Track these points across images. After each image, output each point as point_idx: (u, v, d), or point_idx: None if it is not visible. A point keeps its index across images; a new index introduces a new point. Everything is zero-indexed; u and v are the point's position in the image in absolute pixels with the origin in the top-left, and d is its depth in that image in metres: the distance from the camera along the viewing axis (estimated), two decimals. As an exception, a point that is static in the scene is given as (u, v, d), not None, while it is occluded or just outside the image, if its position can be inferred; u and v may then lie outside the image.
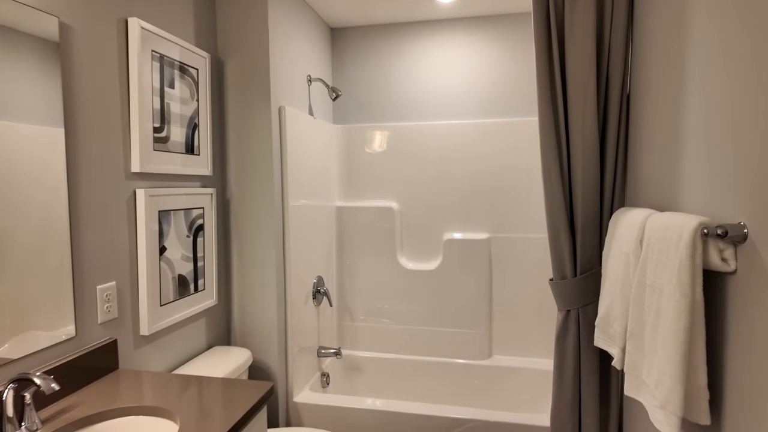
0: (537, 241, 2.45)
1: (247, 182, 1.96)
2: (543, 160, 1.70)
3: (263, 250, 1.96)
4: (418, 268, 2.57)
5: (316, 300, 2.33)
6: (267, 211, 1.95)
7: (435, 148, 2.54)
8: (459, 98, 2.54)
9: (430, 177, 2.55)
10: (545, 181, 1.71)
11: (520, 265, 2.48)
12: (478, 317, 2.51)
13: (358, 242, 2.63)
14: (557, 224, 1.70)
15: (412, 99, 2.59)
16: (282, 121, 1.99)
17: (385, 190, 2.61)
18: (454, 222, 2.54)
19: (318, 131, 2.39)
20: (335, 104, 2.68)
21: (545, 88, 1.68)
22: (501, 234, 2.49)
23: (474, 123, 2.49)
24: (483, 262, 2.48)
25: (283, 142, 2.00)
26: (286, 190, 2.02)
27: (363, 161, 2.63)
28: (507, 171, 2.47)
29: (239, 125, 1.95)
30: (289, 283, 2.05)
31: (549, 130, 1.69)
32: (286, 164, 2.01)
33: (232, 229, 2.00)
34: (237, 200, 1.98)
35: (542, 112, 1.69)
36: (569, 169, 1.71)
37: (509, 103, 2.49)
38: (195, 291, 1.77)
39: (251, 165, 1.95)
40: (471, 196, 2.51)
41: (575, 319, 1.71)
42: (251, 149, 1.95)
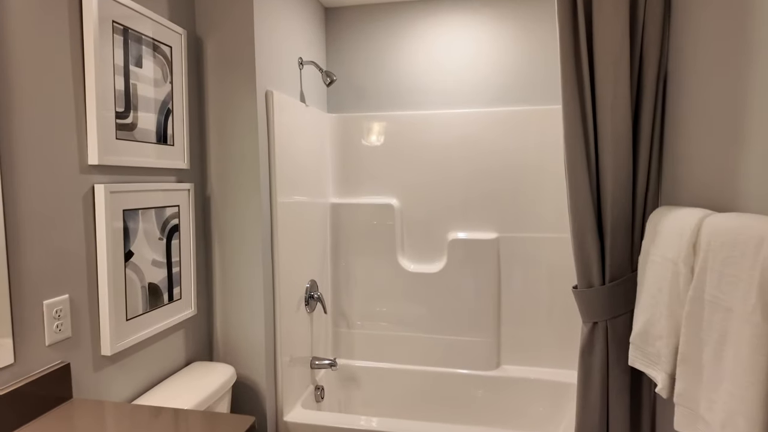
0: (550, 242, 2.25)
1: (229, 176, 1.74)
2: (567, 153, 1.49)
3: (249, 252, 1.74)
4: (421, 270, 2.36)
5: (309, 306, 2.12)
6: (253, 208, 1.73)
7: (439, 139, 2.32)
8: (466, 85, 2.32)
9: (434, 171, 2.34)
10: (570, 176, 1.50)
11: (531, 268, 2.28)
12: (485, 324, 2.30)
13: (355, 242, 2.41)
14: (583, 225, 1.49)
15: (414, 86, 2.37)
16: (269, 107, 1.77)
17: (384, 185, 2.40)
18: (460, 220, 2.33)
19: (310, 120, 2.16)
20: (330, 92, 2.46)
21: (570, 69, 1.47)
22: (511, 234, 2.28)
23: (483, 112, 2.27)
24: (491, 264, 2.27)
25: (270, 131, 1.78)
26: (275, 184, 1.80)
27: (360, 154, 2.41)
28: (518, 165, 2.25)
29: (220, 112, 1.73)
30: (278, 289, 1.83)
31: (574, 118, 1.48)
32: (275, 156, 1.79)
33: (213, 229, 1.77)
34: (218, 197, 1.76)
35: (567, 98, 1.48)
36: (597, 161, 1.51)
37: (523, 90, 2.27)
38: (169, 301, 1.55)
39: (234, 157, 1.73)
40: (478, 193, 2.30)
41: (603, 333, 1.50)
42: (234, 139, 1.73)
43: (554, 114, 2.20)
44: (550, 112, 2.21)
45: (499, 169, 2.27)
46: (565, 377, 2.22)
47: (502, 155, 2.26)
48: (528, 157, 2.24)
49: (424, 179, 2.35)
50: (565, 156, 1.50)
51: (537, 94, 2.25)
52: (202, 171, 1.76)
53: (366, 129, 2.39)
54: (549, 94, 2.24)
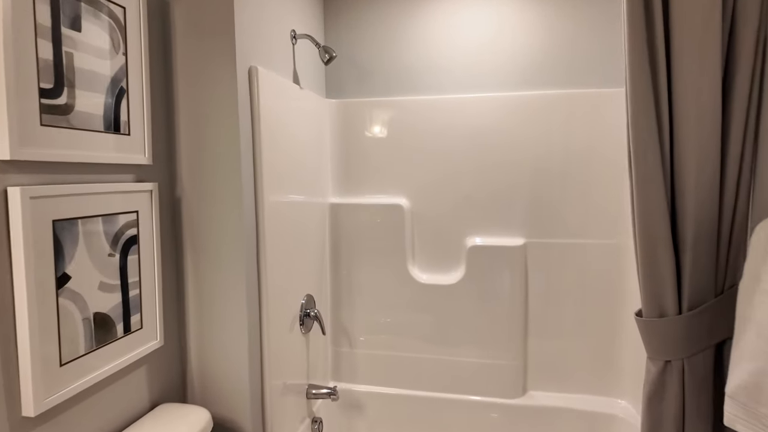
0: (589, 249, 1.92)
1: (205, 172, 1.40)
2: (635, 146, 1.16)
3: (230, 265, 1.41)
4: (435, 281, 2.03)
5: (305, 326, 1.79)
6: (234, 211, 1.39)
7: (457, 129, 1.98)
8: (489, 65, 1.98)
9: (450, 166, 2.00)
10: (638, 175, 1.17)
11: (565, 279, 1.95)
12: (510, 344, 1.98)
13: (359, 249, 2.08)
14: (653, 235, 1.17)
15: (427, 66, 2.03)
16: (254, 86, 1.43)
17: (391, 183, 2.06)
18: (480, 224, 2.00)
19: (305, 106, 1.82)
20: (329, 73, 2.11)
21: (638, 31, 1.14)
22: (541, 239, 1.95)
23: (510, 96, 1.93)
24: (517, 275, 1.95)
25: (255, 116, 1.44)
26: (261, 181, 1.46)
27: (364, 146, 2.07)
28: (551, 158, 1.92)
29: (192, 92, 1.39)
30: (266, 308, 1.50)
31: (643, 96, 1.14)
32: (261, 146, 1.45)
33: (185, 238, 1.44)
34: (191, 198, 1.42)
35: (634, 69, 1.14)
36: (672, 157, 1.17)
37: (559, 71, 1.93)
38: (126, 332, 1.22)
39: (211, 148, 1.39)
40: (502, 191, 1.97)
41: (678, 375, 1.18)
42: (210, 126, 1.39)
43: (596, 98, 1.86)
44: (595, 96, 1.87)
45: (527, 163, 1.94)
46: (604, 406, 1.90)
47: (531, 147, 1.93)
48: (564, 148, 1.91)
49: (438, 176, 2.02)
50: (632, 145, 1.17)
51: (579, 75, 1.91)
52: (170, 167, 1.42)
53: (371, 117, 2.05)
54: (596, 76, 1.90)
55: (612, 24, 1.87)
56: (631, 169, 1.20)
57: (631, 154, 1.19)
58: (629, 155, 1.21)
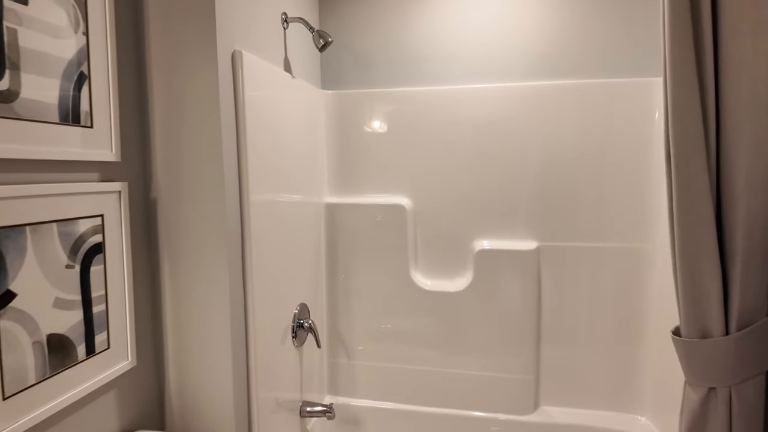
0: (609, 253, 1.76)
1: (183, 170, 1.24)
2: (676, 143, 1.00)
3: (212, 273, 1.26)
4: (440, 288, 1.87)
5: (298, 339, 1.63)
6: (216, 212, 1.24)
7: (463, 122, 1.82)
8: (500, 52, 1.81)
9: (456, 163, 1.84)
10: (679, 177, 1.01)
11: (580, 286, 1.79)
12: (521, 356, 1.82)
13: (357, 253, 1.92)
14: (698, 246, 1.01)
15: (432, 54, 1.86)
16: (238, 73, 1.26)
17: (393, 181, 1.90)
18: (489, 225, 1.84)
19: (298, 96, 1.66)
20: (325, 63, 1.95)
21: (681, 23, 0.98)
22: (555, 242, 1.80)
23: (521, 87, 1.77)
24: (529, 282, 1.79)
25: (240, 106, 1.28)
26: (247, 178, 1.30)
27: (363, 141, 1.91)
28: (566, 154, 1.76)
29: (168, 79, 1.23)
30: (253, 321, 1.35)
31: (688, 94, 0.99)
32: (246, 140, 1.29)
33: (161, 245, 1.28)
34: (168, 199, 1.26)
35: (676, 65, 0.98)
36: (718, 157, 1.02)
37: (574, 59, 1.77)
38: (89, 354, 1.07)
39: (189, 143, 1.23)
40: (513, 190, 1.81)
41: (725, 404, 1.02)
42: (189, 118, 1.23)
43: (615, 89, 1.70)
44: (608, 87, 1.71)
45: (540, 159, 1.78)
46: (623, 423, 1.75)
47: (544, 142, 1.77)
48: (580, 144, 1.75)
49: (443, 173, 1.86)
50: (672, 143, 1.01)
51: (591, 65, 1.75)
52: (143, 164, 1.26)
53: (370, 109, 1.89)
54: (617, 66, 1.74)
55: (633, 8, 1.71)
56: (670, 170, 1.04)
57: (670, 153, 1.03)
58: (667, 154, 1.05)
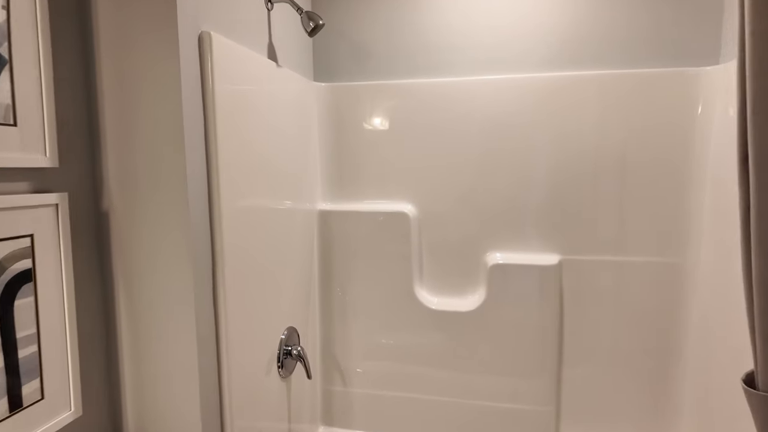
0: (641, 269, 1.54)
1: (140, 176, 1.03)
2: (758, 142, 0.78)
3: (177, 297, 1.04)
4: (448, 307, 1.65)
5: (285, 368, 1.42)
6: (180, 224, 1.02)
7: (475, 119, 1.60)
8: (517, 40, 1.59)
9: (466, 165, 1.62)
10: (761, 185, 0.79)
11: (608, 306, 1.57)
12: (540, 384, 1.60)
13: (354, 267, 1.70)
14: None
15: (440, 42, 1.64)
16: (206, 58, 1.04)
17: (395, 185, 1.68)
18: (504, 236, 1.62)
19: (285, 89, 1.44)
20: (318, 51, 1.73)
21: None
22: (580, 255, 1.58)
23: (542, 78, 1.55)
24: (550, 301, 1.57)
25: (208, 99, 1.06)
26: (217, 184, 1.09)
27: (361, 140, 1.69)
28: (593, 155, 1.54)
29: (119, 66, 1.01)
30: (227, 352, 1.13)
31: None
32: (216, 138, 1.07)
33: (115, 266, 1.07)
34: (122, 211, 1.05)
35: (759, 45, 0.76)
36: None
37: (601, 46, 1.54)
38: (15, 409, 0.85)
39: (147, 144, 1.02)
40: (530, 195, 1.59)
41: (817, 479, 0.80)
42: (145, 114, 1.01)
43: (650, 80, 1.48)
44: (643, 78, 1.48)
45: (562, 161, 1.56)
46: (659, 465, 1.54)
47: (568, 141, 1.55)
48: (610, 144, 1.52)
49: (451, 177, 1.63)
50: (753, 142, 0.79)
51: (622, 52, 1.52)
52: (92, 171, 1.04)
53: (369, 104, 1.67)
54: (640, 51, 1.51)
55: (674, -14, 1.48)
56: (747, 177, 0.82)
57: (748, 156, 0.81)
58: (744, 157, 0.83)
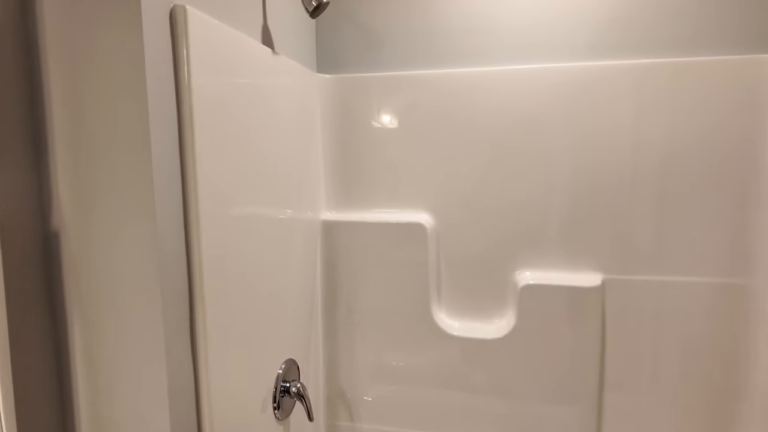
0: (697, 291, 1.32)
1: (98, 187, 0.82)
2: None
3: (144, 330, 0.83)
4: (471, 333, 1.43)
5: (282, 409, 1.21)
6: (148, 242, 0.81)
7: (503, 115, 1.38)
8: (555, 23, 1.37)
9: (493, 168, 1.40)
10: None
11: (658, 331, 1.35)
12: (578, 424, 1.39)
13: (363, 287, 1.49)
14: None
15: (463, 26, 1.42)
16: (180, 39, 0.83)
17: (409, 191, 1.47)
18: (537, 251, 1.40)
19: (283, 81, 1.23)
20: (321, 38, 1.51)
21: None
22: (625, 275, 1.35)
23: (582, 68, 1.32)
24: (591, 328, 1.35)
25: (183, 88, 0.84)
26: (195, 192, 0.88)
27: (371, 140, 1.48)
28: (641, 156, 1.31)
29: (67, 54, 0.80)
30: (207, 394, 0.93)
31: None
32: (193, 136, 0.86)
33: (68, 299, 0.86)
34: (75, 233, 0.84)
35: None
36: None
37: (657, 30, 1.32)
38: None
39: (106, 147, 0.81)
40: (567, 203, 1.37)
41: None
42: (102, 110, 0.80)
43: (714, 69, 1.25)
44: (706, 67, 1.26)
45: (604, 163, 1.33)
46: None
47: (611, 140, 1.32)
48: (661, 143, 1.30)
49: (474, 181, 1.42)
50: None
51: (680, 37, 1.30)
52: (39, 181, 0.84)
53: (381, 99, 1.45)
54: (704, 36, 1.29)
55: (742, -42, 1.25)
56: None
57: None
58: None
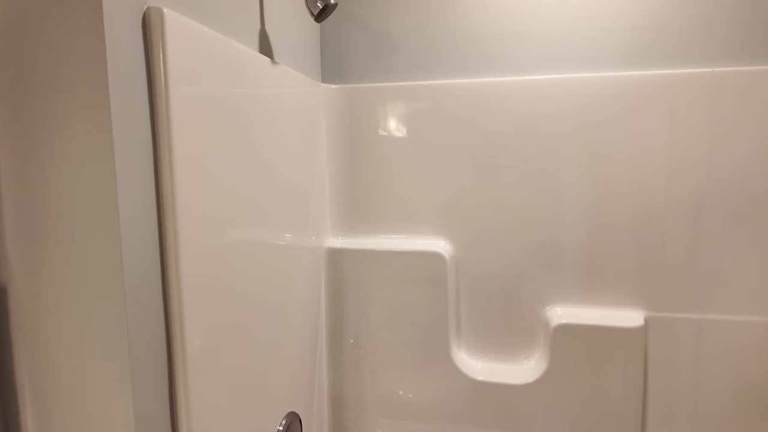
0: (753, 330, 1.15)
1: (51, 233, 0.66)
2: None
3: (110, 414, 0.67)
4: (496, 377, 1.27)
5: (282, 471, 1.05)
6: (113, 291, 0.65)
7: (529, 130, 1.22)
8: (587, 28, 1.21)
9: (518, 189, 1.24)
10: None
11: (708, 381, 1.19)
12: (617, 480, 1.22)
13: (374, 324, 1.33)
14: None
15: (484, 30, 1.26)
16: (155, 49, 0.67)
17: (424, 214, 1.31)
18: (570, 284, 1.24)
19: (283, 93, 1.07)
20: (327, 45, 1.36)
21: None
22: (671, 313, 1.19)
23: (620, 78, 1.16)
24: (632, 373, 1.19)
25: (159, 105, 0.68)
26: (173, 224, 0.71)
27: (381, 156, 1.32)
28: (686, 176, 1.15)
29: (16, 63, 0.64)
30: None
31: None
32: (171, 162, 0.70)
33: (17, 369, 0.70)
34: (26, 287, 0.68)
35: None
36: None
37: (700, 38, 1.16)
38: None
39: (62, 181, 0.65)
40: (604, 231, 1.21)
41: None
42: (57, 135, 0.64)
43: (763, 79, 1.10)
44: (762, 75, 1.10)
45: (646, 185, 1.17)
46: None
47: (656, 159, 1.16)
48: (710, 164, 1.14)
49: (499, 204, 1.26)
50: None
51: (726, 46, 1.14)
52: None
53: (393, 111, 1.29)
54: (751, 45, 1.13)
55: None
56: None
57: None
58: None
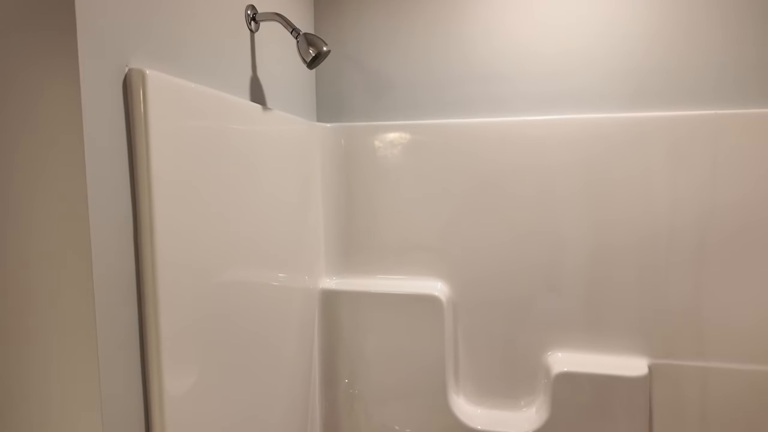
0: (760, 379, 1.11)
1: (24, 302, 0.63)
2: None
3: None
4: (496, 425, 1.22)
5: None
6: (84, 346, 0.62)
7: (525, 169, 1.20)
8: (583, 69, 1.19)
9: (515, 229, 1.21)
10: None
11: (716, 426, 1.14)
12: None
13: (369, 369, 1.28)
14: None
15: (480, 70, 1.24)
16: (136, 113, 0.65)
17: (420, 255, 1.27)
18: (571, 329, 1.20)
19: (276, 136, 1.05)
20: (321, 84, 1.34)
21: None
22: (676, 360, 1.15)
23: (618, 120, 1.14)
24: (637, 423, 1.14)
25: (141, 175, 0.66)
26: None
27: (376, 195, 1.29)
28: (688, 217, 1.12)
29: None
30: None
31: None
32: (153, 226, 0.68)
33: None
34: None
35: None
36: None
37: (696, 80, 1.13)
38: None
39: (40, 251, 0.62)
40: (607, 273, 1.17)
41: None
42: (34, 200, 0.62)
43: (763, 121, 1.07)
44: (762, 118, 1.08)
45: (647, 226, 1.14)
46: None
47: (657, 200, 1.13)
48: (714, 204, 1.11)
49: (496, 245, 1.23)
50: None
51: (724, 88, 1.12)
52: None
53: (387, 150, 1.27)
54: (749, 87, 1.10)
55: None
56: None
57: None
58: None
